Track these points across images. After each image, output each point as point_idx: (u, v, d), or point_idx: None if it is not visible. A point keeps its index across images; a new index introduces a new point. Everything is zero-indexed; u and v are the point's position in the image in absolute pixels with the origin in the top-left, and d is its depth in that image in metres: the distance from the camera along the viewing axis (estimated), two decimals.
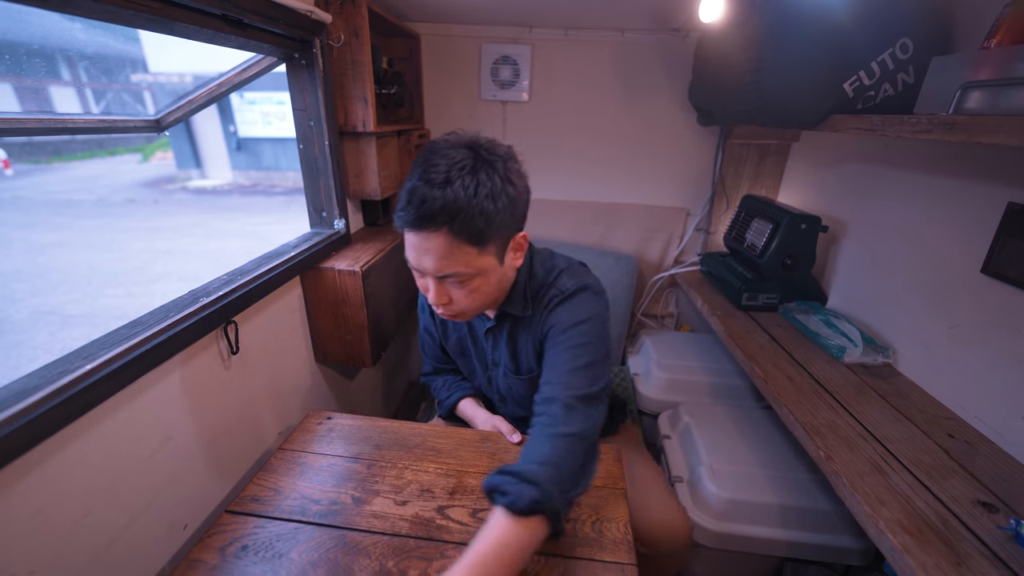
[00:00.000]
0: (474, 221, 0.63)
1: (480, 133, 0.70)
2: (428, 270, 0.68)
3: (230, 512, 0.69)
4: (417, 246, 0.67)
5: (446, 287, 0.71)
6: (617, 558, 0.64)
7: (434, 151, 0.66)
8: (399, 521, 0.68)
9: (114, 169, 10.77)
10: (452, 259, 0.66)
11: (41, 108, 7.99)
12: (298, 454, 0.81)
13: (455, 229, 0.63)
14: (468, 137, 0.68)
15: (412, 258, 0.69)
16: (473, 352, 0.95)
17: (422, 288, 0.75)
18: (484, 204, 0.63)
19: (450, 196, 0.62)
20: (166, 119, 1.00)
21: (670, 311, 1.94)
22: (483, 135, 0.70)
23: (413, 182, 0.64)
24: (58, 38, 7.89)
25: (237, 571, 0.61)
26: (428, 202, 0.62)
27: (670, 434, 1.35)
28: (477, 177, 0.64)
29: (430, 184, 0.62)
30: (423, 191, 0.62)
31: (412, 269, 0.72)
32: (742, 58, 1.11)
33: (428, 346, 1.04)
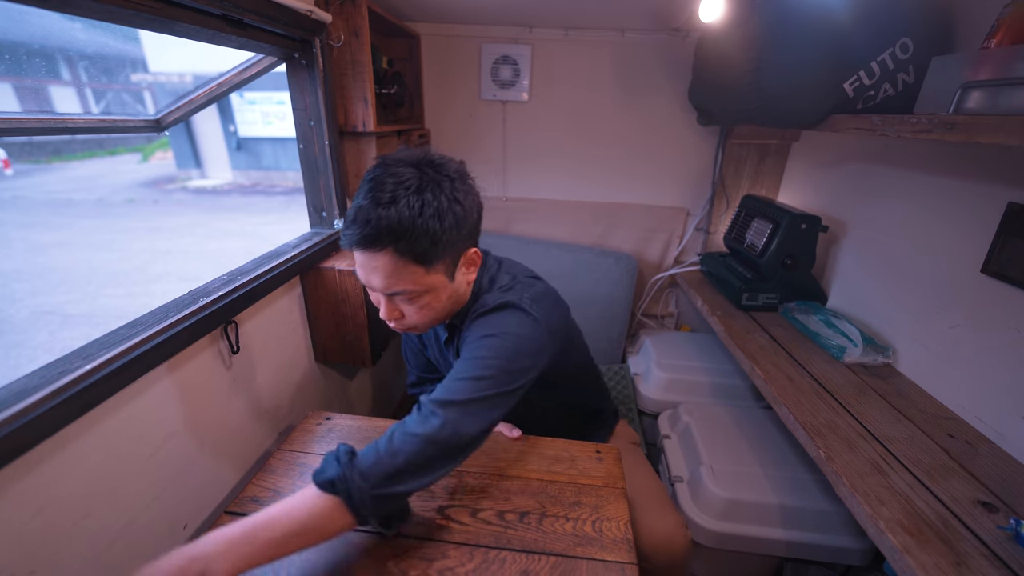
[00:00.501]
0: (419, 241, 0.63)
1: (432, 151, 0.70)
2: (376, 288, 0.68)
3: (229, 513, 0.69)
4: (364, 264, 0.66)
5: (396, 303, 0.71)
6: (618, 557, 0.64)
7: (382, 169, 0.65)
8: None
9: (114, 169, 10.77)
10: (399, 278, 0.66)
11: (41, 108, 7.99)
12: (297, 455, 0.80)
13: (400, 249, 0.63)
14: (417, 155, 0.68)
15: (361, 275, 0.69)
16: (440, 363, 0.94)
17: (374, 302, 0.74)
18: (429, 224, 0.63)
19: (394, 216, 0.61)
20: (166, 119, 1.00)
21: (670, 311, 1.94)
22: (435, 152, 0.69)
23: (359, 200, 0.64)
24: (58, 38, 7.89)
25: None
26: (373, 222, 0.62)
27: (670, 434, 1.35)
28: (423, 197, 0.63)
29: (375, 203, 0.62)
30: (368, 210, 0.62)
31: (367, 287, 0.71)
32: (742, 58, 1.11)
33: (411, 354, 1.03)
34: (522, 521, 0.69)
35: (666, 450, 1.30)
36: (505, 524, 0.68)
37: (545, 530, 0.68)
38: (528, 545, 0.65)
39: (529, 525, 0.68)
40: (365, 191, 0.64)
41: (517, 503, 0.72)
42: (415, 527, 0.67)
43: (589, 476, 0.78)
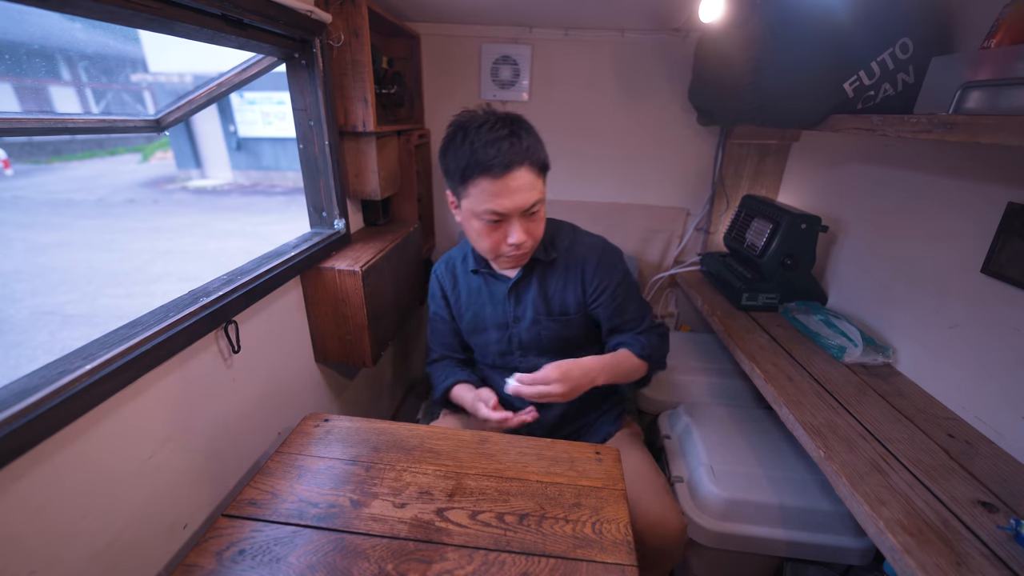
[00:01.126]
0: (539, 153, 0.86)
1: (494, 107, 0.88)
2: (518, 206, 0.84)
3: (227, 516, 0.68)
4: (505, 188, 0.82)
5: (524, 223, 0.87)
6: (618, 559, 0.64)
7: (477, 123, 0.83)
8: (398, 524, 0.68)
9: (114, 169, 10.77)
10: (534, 189, 0.85)
11: (41, 108, 7.98)
12: (295, 457, 0.80)
13: (532, 161, 0.84)
14: (487, 109, 0.87)
15: (499, 204, 0.83)
16: (489, 319, 1.04)
17: (494, 241, 0.89)
18: (536, 142, 0.86)
19: (522, 141, 0.82)
20: (166, 119, 1.00)
21: (670, 311, 1.94)
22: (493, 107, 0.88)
23: (483, 142, 0.81)
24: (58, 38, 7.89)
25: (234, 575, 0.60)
26: (514, 147, 0.81)
27: (670, 434, 1.35)
28: (523, 126, 0.85)
29: (500, 138, 0.81)
30: (503, 143, 0.81)
31: (489, 221, 0.86)
32: (742, 58, 1.11)
33: (439, 332, 1.13)
34: (521, 523, 0.69)
35: (666, 450, 1.30)
36: (505, 526, 0.68)
37: (545, 532, 0.67)
38: (528, 547, 0.65)
39: (529, 527, 0.68)
40: (484, 136, 0.81)
41: (516, 505, 0.72)
42: (414, 529, 0.67)
43: (588, 478, 0.78)
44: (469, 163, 0.82)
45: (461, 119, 0.86)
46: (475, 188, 0.83)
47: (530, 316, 1.01)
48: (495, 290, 1.03)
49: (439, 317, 1.12)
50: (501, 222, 0.86)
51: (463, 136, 0.83)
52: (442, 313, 1.11)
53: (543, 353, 1.03)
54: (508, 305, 1.02)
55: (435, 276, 1.11)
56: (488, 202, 0.83)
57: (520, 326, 1.02)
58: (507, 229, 0.87)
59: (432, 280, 1.12)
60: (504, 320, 1.03)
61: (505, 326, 1.03)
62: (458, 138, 0.84)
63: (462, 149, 0.83)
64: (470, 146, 0.81)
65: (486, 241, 0.90)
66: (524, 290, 1.01)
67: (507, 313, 1.02)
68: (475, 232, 0.90)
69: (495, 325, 1.04)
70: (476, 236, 0.91)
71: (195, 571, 0.61)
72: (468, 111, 0.87)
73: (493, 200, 0.83)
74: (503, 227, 0.87)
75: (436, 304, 1.11)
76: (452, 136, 0.85)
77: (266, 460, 0.81)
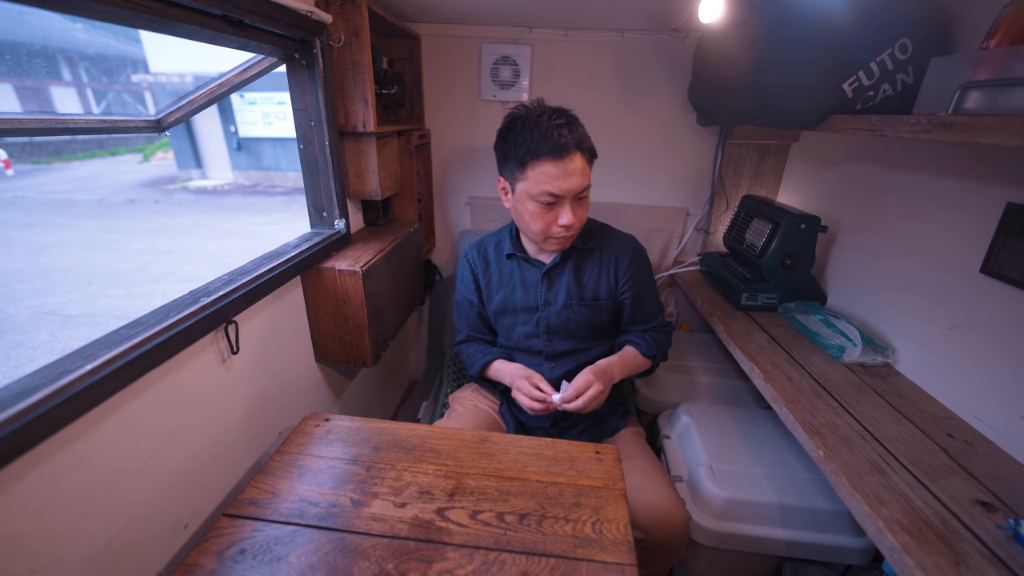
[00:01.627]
0: (589, 142, 0.96)
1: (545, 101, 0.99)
2: (573, 189, 0.92)
3: (227, 515, 0.68)
4: (562, 172, 0.90)
5: (574, 206, 0.95)
6: (618, 559, 0.64)
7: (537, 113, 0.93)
8: (398, 523, 0.68)
9: (114, 169, 10.78)
10: (585, 174, 0.94)
11: (42, 108, 8.00)
12: (296, 456, 0.80)
13: (584, 148, 0.93)
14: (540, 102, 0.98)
15: (557, 186, 0.91)
16: (520, 302, 1.10)
17: (547, 222, 0.96)
18: (586, 133, 0.96)
19: (576, 131, 0.93)
20: (167, 119, 1.00)
21: (670, 311, 1.94)
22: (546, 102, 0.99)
23: (544, 129, 0.90)
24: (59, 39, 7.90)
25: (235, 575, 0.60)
26: (572, 133, 0.91)
27: (670, 434, 1.35)
28: (575, 118, 0.96)
29: (558, 127, 0.90)
30: (563, 130, 0.90)
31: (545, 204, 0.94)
32: (742, 58, 1.11)
33: (466, 314, 1.19)
34: (522, 523, 0.69)
35: (666, 450, 1.30)
36: (505, 526, 0.68)
37: (545, 531, 0.67)
38: (528, 547, 0.65)
39: (529, 527, 0.68)
40: (544, 119, 0.91)
41: (516, 504, 0.72)
42: (415, 529, 0.67)
43: (589, 477, 0.78)
44: (531, 148, 0.90)
45: (518, 111, 0.96)
46: (534, 171, 0.92)
47: (562, 300, 1.07)
48: (528, 274, 1.10)
49: (466, 300, 1.18)
50: (554, 204, 0.94)
51: (523, 123, 0.92)
52: (470, 296, 1.17)
53: (568, 337, 1.09)
54: (540, 289, 1.08)
55: (465, 260, 1.17)
56: (546, 183, 0.91)
57: (550, 310, 1.08)
58: (559, 211, 0.95)
59: (462, 264, 1.18)
60: (535, 304, 1.09)
61: (535, 309, 1.09)
62: (517, 126, 0.93)
63: (523, 135, 0.91)
64: (531, 133, 0.90)
65: (539, 222, 0.96)
66: (558, 275, 1.08)
67: (538, 297, 1.08)
68: (528, 214, 0.97)
69: (524, 308, 1.10)
70: (529, 218, 0.97)
71: (196, 570, 0.61)
72: (522, 104, 0.98)
73: (551, 182, 0.91)
74: (555, 209, 0.95)
75: (464, 287, 1.17)
76: (511, 124, 0.95)
77: (267, 460, 0.81)
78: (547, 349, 1.10)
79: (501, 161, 1.00)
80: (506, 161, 0.97)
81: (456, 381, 1.58)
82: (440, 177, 1.86)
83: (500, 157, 1.00)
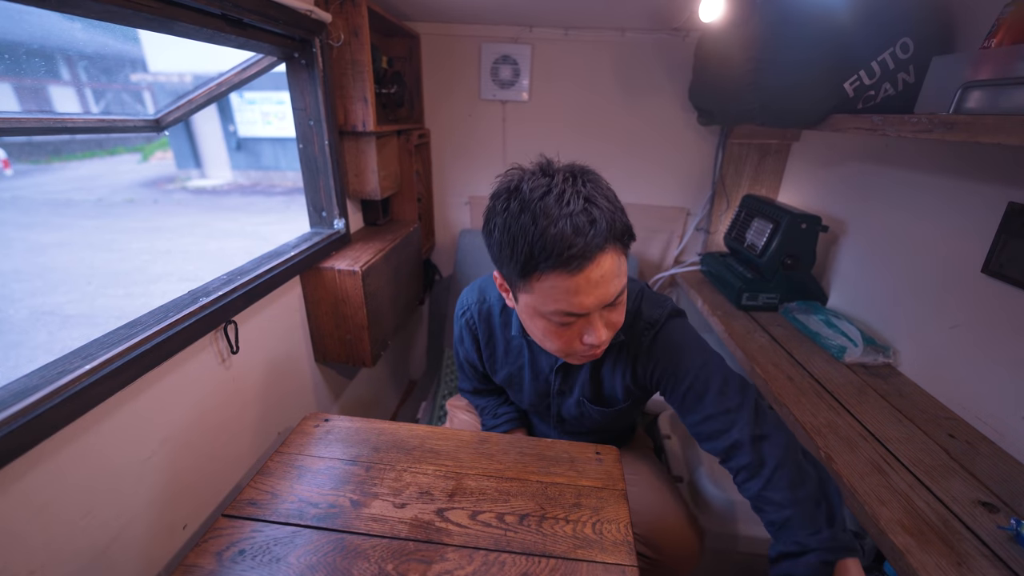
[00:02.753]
0: (622, 224, 0.62)
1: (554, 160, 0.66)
2: (601, 301, 0.63)
3: (227, 516, 0.68)
4: (584, 283, 0.60)
5: (606, 316, 0.67)
6: (618, 559, 0.64)
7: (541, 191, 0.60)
8: (398, 524, 0.68)
9: (114, 169, 10.76)
10: (619, 275, 0.64)
11: (41, 108, 7.98)
12: (295, 457, 0.80)
13: (615, 236, 0.61)
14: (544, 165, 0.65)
15: (577, 303, 0.62)
16: (530, 386, 0.91)
17: (565, 341, 0.68)
18: (616, 208, 0.62)
19: (602, 218, 0.59)
20: (166, 119, 1.00)
21: None
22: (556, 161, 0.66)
23: (554, 224, 0.58)
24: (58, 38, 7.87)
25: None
26: (595, 227, 0.58)
27: (670, 434, 1.35)
28: (598, 190, 0.62)
29: (574, 214, 0.58)
30: (580, 224, 0.58)
31: (561, 324, 0.66)
32: (742, 58, 1.11)
33: (469, 372, 1.02)
34: (522, 523, 0.68)
35: (666, 450, 1.30)
36: (505, 526, 0.68)
37: (545, 532, 0.67)
38: (528, 547, 0.65)
39: (529, 527, 0.68)
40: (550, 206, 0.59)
41: (517, 505, 0.72)
42: (414, 529, 0.67)
43: (589, 478, 0.77)
44: (534, 253, 0.59)
45: (512, 181, 0.63)
46: (542, 284, 0.62)
47: (576, 396, 0.88)
48: (539, 361, 0.88)
49: (469, 363, 0.98)
50: (574, 323, 0.66)
51: (520, 209, 0.60)
52: (473, 361, 0.96)
53: (582, 431, 0.95)
54: (554, 380, 0.87)
55: (465, 321, 0.92)
56: (560, 301, 0.62)
57: (567, 400, 0.89)
58: (582, 328, 0.67)
59: (460, 325, 0.94)
60: (546, 391, 0.90)
61: (546, 395, 0.91)
62: (512, 210, 0.61)
63: (522, 232, 0.60)
64: (533, 228, 0.59)
65: (554, 342, 0.69)
66: (576, 369, 0.85)
67: (552, 386, 0.89)
68: (540, 332, 0.70)
69: (534, 391, 0.91)
70: (542, 336, 0.70)
71: (195, 571, 0.60)
72: (518, 169, 0.65)
73: (567, 299, 0.62)
74: (578, 325, 0.67)
75: (465, 351, 0.96)
76: (505, 206, 0.62)
77: (266, 460, 0.81)
78: (559, 429, 0.97)
79: (494, 258, 0.68)
80: (500, 263, 0.67)
81: (456, 382, 1.58)
82: (440, 177, 1.86)
83: (491, 251, 0.68)
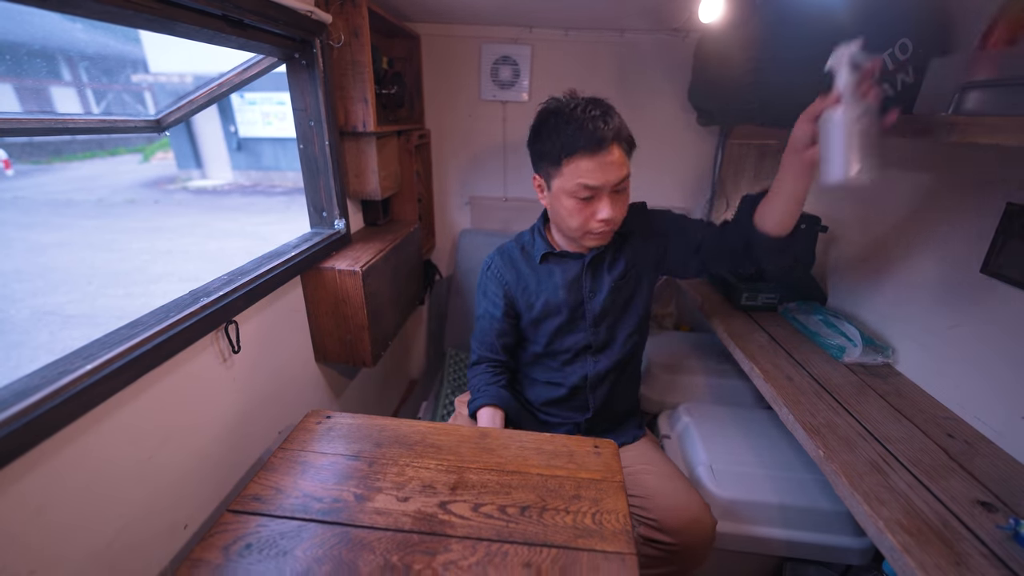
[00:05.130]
0: (627, 131, 0.91)
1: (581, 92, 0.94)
2: (610, 181, 0.88)
3: (232, 511, 0.68)
4: (600, 164, 0.87)
5: (613, 199, 0.91)
6: (618, 548, 0.64)
7: (571, 106, 0.89)
8: (402, 517, 0.69)
9: (114, 169, 10.77)
10: (624, 165, 0.90)
11: (42, 108, 8.00)
12: (298, 453, 0.81)
13: (621, 139, 0.89)
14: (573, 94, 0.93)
15: (595, 178, 0.88)
16: (564, 300, 1.04)
17: (584, 217, 0.92)
18: (623, 122, 0.91)
19: (612, 122, 0.88)
20: (166, 119, 1.00)
21: (670, 311, 1.94)
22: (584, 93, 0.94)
23: (579, 123, 0.86)
24: (59, 38, 7.90)
25: (241, 570, 0.60)
26: (608, 124, 0.87)
27: (670, 434, 1.35)
28: (611, 108, 0.91)
29: (596, 117, 0.87)
30: (599, 122, 0.86)
31: (582, 199, 0.90)
32: (742, 58, 1.12)
33: (483, 331, 1.09)
34: (523, 514, 0.69)
35: (666, 450, 1.30)
36: (507, 518, 0.69)
37: (546, 523, 0.68)
38: (530, 538, 0.65)
39: (530, 518, 0.69)
40: (578, 119, 0.87)
41: (518, 497, 0.72)
42: (418, 522, 0.68)
43: (588, 470, 0.78)
44: (567, 143, 0.87)
45: (551, 105, 0.92)
46: (570, 166, 0.88)
47: (607, 287, 1.03)
48: (569, 269, 1.04)
49: (489, 315, 1.08)
50: (592, 199, 0.91)
51: (556, 119, 0.89)
52: (495, 312, 1.07)
53: (616, 323, 1.06)
54: (585, 280, 1.03)
55: (492, 273, 1.09)
56: (582, 177, 0.88)
57: (597, 298, 1.04)
58: (596, 206, 0.91)
59: (487, 278, 1.09)
60: (579, 298, 1.04)
61: (580, 304, 1.04)
62: (551, 121, 0.89)
63: (558, 130, 0.88)
64: (565, 127, 0.87)
65: (577, 218, 0.93)
66: (599, 262, 1.04)
67: (583, 289, 1.04)
68: (566, 211, 0.93)
69: (570, 306, 1.04)
70: (567, 214, 0.94)
71: (202, 566, 0.61)
72: (555, 98, 0.92)
73: (588, 175, 0.88)
74: (593, 204, 0.91)
75: (489, 301, 1.08)
76: (545, 120, 0.91)
77: (269, 456, 0.81)
78: (595, 341, 1.05)
79: (536, 158, 0.96)
80: (540, 159, 0.94)
81: (456, 382, 1.58)
82: (440, 177, 1.86)
83: (534, 155, 0.96)
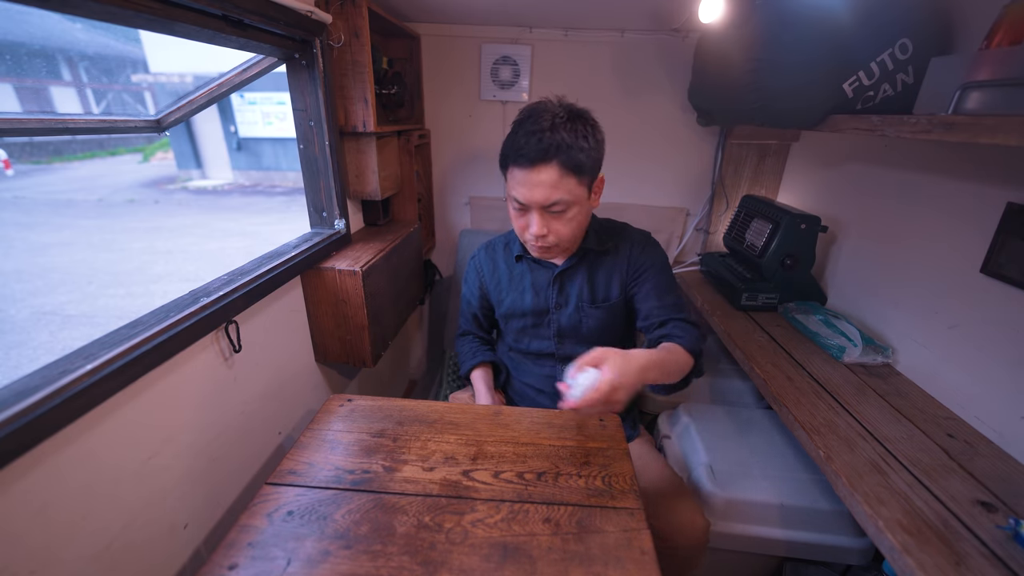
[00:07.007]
0: (575, 155, 0.84)
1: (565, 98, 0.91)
2: (537, 200, 0.86)
3: (270, 484, 0.72)
4: (527, 181, 0.85)
5: (547, 219, 0.89)
6: (627, 504, 0.70)
7: (536, 110, 0.87)
8: (429, 484, 0.73)
9: (114, 169, 10.78)
10: (558, 188, 0.85)
11: (42, 108, 8.00)
12: (325, 432, 0.84)
13: (562, 160, 0.83)
14: (559, 100, 0.89)
15: (521, 194, 0.87)
16: (530, 306, 1.06)
17: (521, 226, 0.93)
18: (581, 143, 0.84)
19: (558, 137, 0.82)
20: (167, 119, 1.00)
21: None
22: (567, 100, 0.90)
23: (525, 131, 0.84)
24: (59, 39, 7.90)
25: (287, 532, 0.64)
26: (543, 142, 0.82)
27: (670, 434, 1.35)
28: (574, 125, 0.85)
29: (538, 131, 0.83)
30: (536, 137, 0.82)
31: (516, 209, 0.91)
32: (742, 58, 1.11)
33: (466, 313, 1.21)
34: (539, 479, 0.75)
35: (666, 450, 1.30)
36: (525, 482, 0.74)
37: (561, 486, 0.73)
38: (547, 498, 0.71)
39: (546, 482, 0.74)
40: (528, 124, 0.85)
41: (533, 465, 0.78)
42: (445, 488, 0.72)
43: (595, 440, 0.84)
44: (507, 151, 0.88)
45: (529, 106, 0.90)
46: (510, 174, 0.90)
47: (573, 304, 1.03)
48: (539, 277, 1.06)
49: (468, 301, 1.19)
50: (524, 212, 0.91)
51: (517, 123, 0.89)
52: (471, 299, 1.17)
53: (581, 342, 1.05)
54: (552, 292, 1.04)
55: (474, 263, 1.16)
56: (514, 189, 0.89)
57: (562, 312, 1.04)
58: (528, 220, 0.91)
59: (470, 266, 1.17)
60: (545, 307, 1.05)
61: (545, 312, 1.06)
62: (515, 124, 0.90)
63: (511, 135, 0.89)
64: (514, 135, 0.87)
65: (515, 225, 0.95)
66: (570, 279, 1.04)
67: (549, 299, 1.04)
68: (511, 216, 0.95)
69: (534, 312, 1.06)
70: (512, 220, 0.96)
71: (250, 530, 0.64)
72: (543, 100, 0.90)
73: (517, 188, 0.88)
74: (526, 217, 0.91)
75: (469, 288, 1.18)
76: (515, 121, 0.91)
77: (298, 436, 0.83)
78: (558, 352, 1.07)
79: None
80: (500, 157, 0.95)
81: (456, 381, 1.58)
82: (440, 177, 1.86)
83: None
